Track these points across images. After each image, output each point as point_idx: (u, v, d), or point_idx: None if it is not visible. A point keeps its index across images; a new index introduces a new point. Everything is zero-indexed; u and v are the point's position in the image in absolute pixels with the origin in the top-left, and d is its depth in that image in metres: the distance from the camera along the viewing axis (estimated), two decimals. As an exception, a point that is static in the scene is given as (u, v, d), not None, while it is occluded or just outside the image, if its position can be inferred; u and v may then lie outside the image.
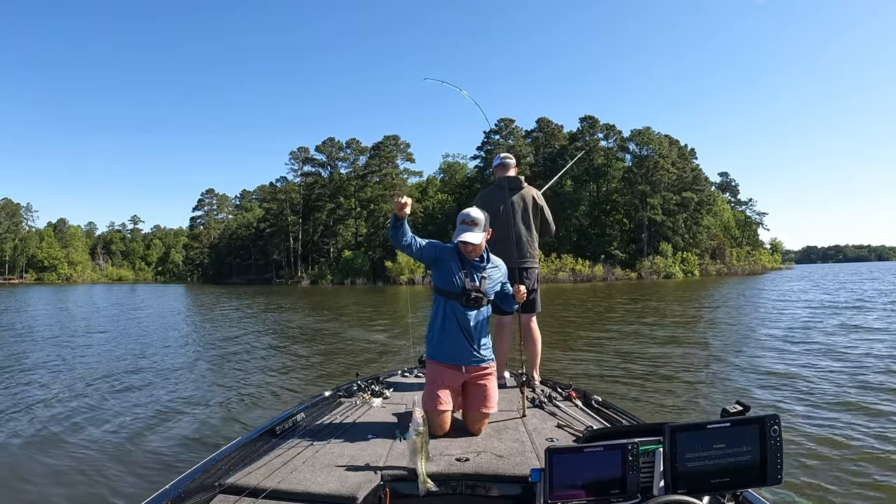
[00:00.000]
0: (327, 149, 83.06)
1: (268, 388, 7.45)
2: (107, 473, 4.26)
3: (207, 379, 8.12)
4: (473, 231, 2.91)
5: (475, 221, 2.92)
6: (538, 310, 4.24)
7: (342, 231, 78.47)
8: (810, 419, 5.42)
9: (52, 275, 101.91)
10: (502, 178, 4.29)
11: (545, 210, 4.29)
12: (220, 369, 8.89)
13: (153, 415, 6.02)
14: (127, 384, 7.69)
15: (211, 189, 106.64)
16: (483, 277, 3.01)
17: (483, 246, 2.99)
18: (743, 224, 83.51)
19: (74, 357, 10.25)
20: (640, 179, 66.67)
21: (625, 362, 8.84)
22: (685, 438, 1.67)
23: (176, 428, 5.49)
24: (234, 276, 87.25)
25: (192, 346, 12.05)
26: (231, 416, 5.98)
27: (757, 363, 8.45)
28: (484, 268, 3.03)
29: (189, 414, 6.05)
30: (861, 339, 10.61)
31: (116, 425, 5.59)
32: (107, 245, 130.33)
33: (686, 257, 64.78)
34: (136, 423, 5.69)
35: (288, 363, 9.49)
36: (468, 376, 3.02)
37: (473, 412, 2.94)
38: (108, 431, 5.38)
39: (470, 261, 3.00)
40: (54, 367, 9.17)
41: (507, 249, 4.02)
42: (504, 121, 75.67)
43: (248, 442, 2.71)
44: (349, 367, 8.46)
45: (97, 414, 6.03)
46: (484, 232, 2.94)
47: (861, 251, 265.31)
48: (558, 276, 58.45)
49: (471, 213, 2.95)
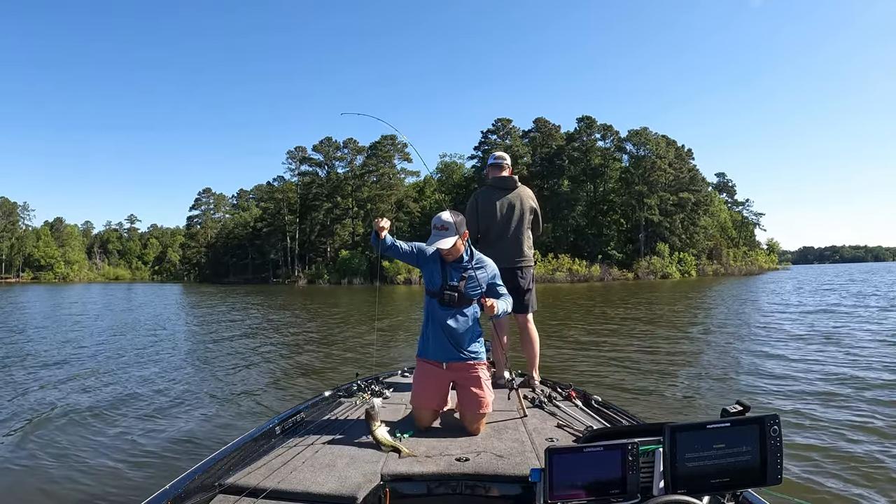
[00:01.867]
0: (324, 148, 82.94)
1: (267, 387, 7.45)
2: (106, 473, 4.25)
3: (206, 379, 8.10)
4: (444, 236, 2.93)
5: (445, 226, 2.94)
6: (534, 309, 4.25)
7: (339, 231, 78.37)
8: (810, 419, 5.44)
9: (48, 274, 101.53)
10: (496, 178, 4.31)
11: (538, 210, 4.33)
12: (219, 369, 8.87)
13: (152, 414, 6.01)
14: (125, 383, 7.68)
15: (208, 188, 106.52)
16: (464, 277, 3.04)
17: (461, 247, 3.01)
18: (740, 224, 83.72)
19: (71, 357, 10.21)
20: (638, 180, 66.76)
21: (624, 362, 8.85)
22: (685, 438, 1.67)
23: (176, 428, 5.48)
24: (231, 275, 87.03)
25: (191, 345, 12.04)
26: (231, 415, 5.97)
27: (757, 363, 8.47)
28: (465, 268, 3.05)
29: (188, 414, 6.04)
30: (861, 339, 10.66)
31: (115, 425, 5.58)
32: (103, 244, 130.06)
33: (683, 257, 64.89)
34: (135, 422, 5.68)
35: (287, 363, 9.48)
36: (453, 374, 3.07)
37: (467, 414, 2.96)
38: (108, 431, 5.37)
39: (450, 262, 3.05)
40: (51, 366, 9.14)
41: (500, 249, 4.05)
42: (501, 121, 75.67)
43: (248, 442, 2.71)
44: (349, 367, 8.45)
45: (96, 413, 6.01)
46: (457, 235, 2.94)
47: (858, 252, 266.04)
48: (555, 276, 58.46)
49: (441, 218, 2.97)
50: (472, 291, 3.06)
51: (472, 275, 3.04)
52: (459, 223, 2.95)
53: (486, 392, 3.03)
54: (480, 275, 3.07)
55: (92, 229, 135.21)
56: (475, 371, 3.07)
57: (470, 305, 3.08)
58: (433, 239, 2.94)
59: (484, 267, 3.12)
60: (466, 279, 3.04)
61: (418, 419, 2.99)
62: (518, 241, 4.18)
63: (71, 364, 9.38)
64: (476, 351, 3.12)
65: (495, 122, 75.66)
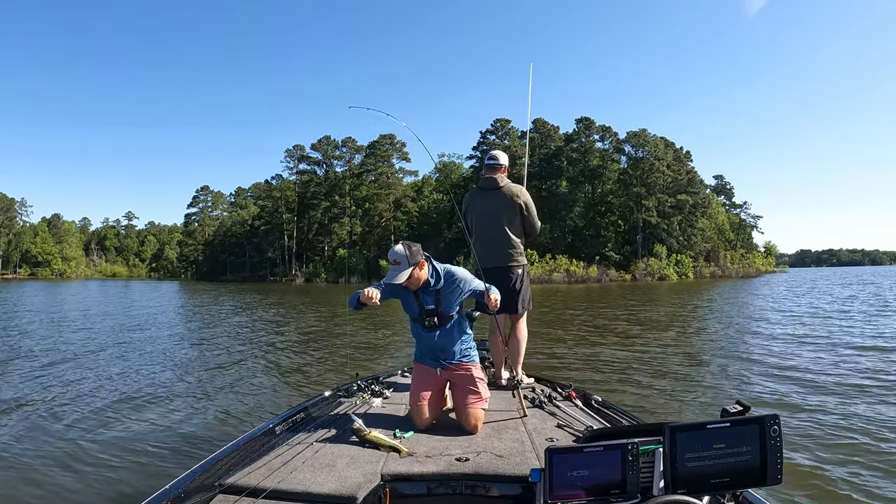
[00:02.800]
0: (323, 147, 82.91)
1: (267, 387, 7.44)
2: (105, 473, 4.24)
3: (206, 378, 8.08)
4: (399, 270, 2.98)
5: (398, 260, 2.98)
6: (527, 309, 4.21)
7: (337, 230, 78.30)
8: (811, 419, 5.46)
9: (45, 270, 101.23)
10: (482, 178, 4.33)
11: (527, 208, 4.20)
12: (218, 368, 8.85)
13: (151, 414, 5.99)
14: (124, 382, 7.66)
15: (206, 186, 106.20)
16: (438, 298, 3.12)
17: (420, 275, 3.04)
18: (737, 227, 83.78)
19: (71, 355, 10.18)
20: (636, 181, 66.84)
21: (624, 362, 8.86)
22: (685, 438, 1.68)
23: (175, 427, 5.47)
24: (229, 273, 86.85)
25: (189, 343, 12.01)
26: (230, 415, 5.96)
27: (757, 363, 8.50)
28: (434, 291, 3.11)
29: (188, 413, 6.03)
30: (861, 340, 10.68)
31: (114, 425, 5.56)
32: (101, 241, 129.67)
33: (680, 259, 64.97)
34: (134, 422, 5.66)
35: (287, 362, 9.46)
36: (448, 374, 3.20)
37: (460, 409, 3.03)
38: (107, 431, 5.35)
39: (416, 290, 3.11)
40: (49, 364, 9.12)
41: (486, 249, 4.11)
42: (500, 121, 75.59)
43: (248, 442, 2.71)
44: (349, 367, 8.44)
45: (95, 413, 5.99)
46: (411, 266, 2.98)
47: (855, 255, 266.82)
48: (553, 276, 58.52)
49: (394, 251, 3.01)
50: (449, 310, 3.15)
51: (446, 293, 3.12)
52: (413, 254, 2.98)
53: (480, 387, 3.11)
54: (451, 294, 3.14)
55: (89, 226, 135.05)
56: (468, 371, 3.18)
57: (451, 321, 3.17)
58: (390, 275, 3.01)
59: (456, 281, 3.15)
60: (441, 300, 3.12)
61: (416, 418, 3.03)
62: (501, 240, 4.14)
63: (67, 362, 9.36)
64: (468, 354, 3.24)
65: (494, 122, 75.68)
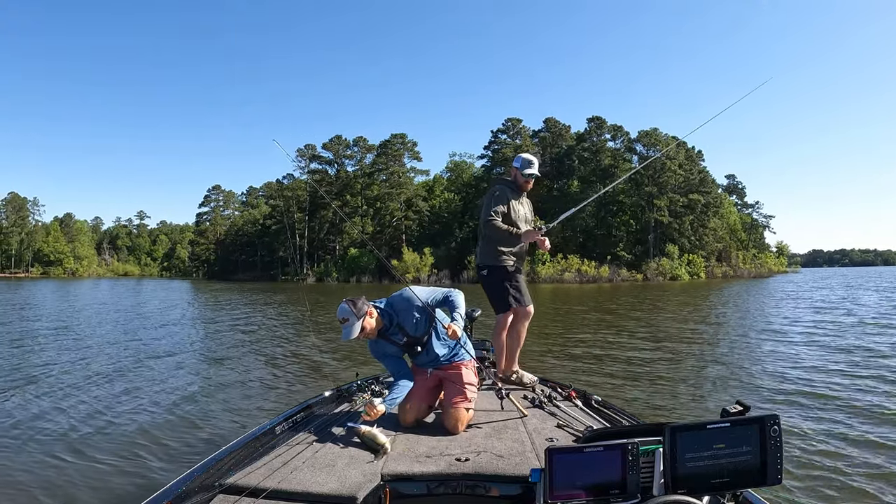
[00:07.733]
0: (334, 146, 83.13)
1: (268, 387, 7.49)
2: (106, 473, 4.27)
3: (207, 377, 8.15)
4: (349, 326, 3.01)
5: (345, 318, 3.02)
6: (512, 306, 4.08)
7: (348, 229, 78.56)
8: (811, 419, 5.43)
9: (57, 269, 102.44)
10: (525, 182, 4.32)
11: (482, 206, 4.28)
12: (220, 368, 8.91)
13: (152, 414, 6.03)
14: (126, 382, 7.74)
15: (217, 185, 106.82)
16: (404, 330, 3.20)
17: (372, 324, 3.09)
18: (749, 227, 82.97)
19: (76, 353, 10.33)
20: (647, 181, 66.39)
21: (625, 362, 8.85)
22: (685, 438, 1.67)
23: (175, 427, 5.51)
24: (240, 272, 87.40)
25: (194, 343, 12.12)
26: (231, 415, 6.00)
27: (758, 364, 8.45)
28: (396, 326, 3.19)
29: (188, 413, 6.07)
30: (862, 340, 10.55)
31: (115, 424, 5.61)
32: (113, 240, 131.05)
33: (692, 259, 64.51)
34: (135, 422, 5.70)
35: (287, 362, 9.51)
36: (440, 373, 3.25)
37: (445, 407, 3.07)
38: (107, 430, 5.40)
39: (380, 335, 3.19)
40: (54, 362, 9.23)
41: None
42: (511, 120, 75.47)
43: (248, 442, 2.72)
44: (349, 367, 8.47)
45: (96, 412, 6.04)
46: (359, 320, 3.01)
47: (867, 255, 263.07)
48: (564, 276, 58.40)
49: (340, 310, 3.05)
50: (418, 331, 3.20)
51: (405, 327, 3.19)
52: (358, 308, 3.03)
53: (467, 388, 3.12)
54: (409, 317, 3.18)
55: (101, 225, 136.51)
56: (458, 370, 3.23)
57: (429, 336, 3.22)
58: (344, 334, 3.04)
59: (403, 310, 3.20)
60: (405, 329, 3.19)
61: (400, 416, 3.09)
62: (480, 242, 4.27)
63: (73, 360, 9.48)
64: (457, 353, 3.29)
65: (505, 121, 75.57)
